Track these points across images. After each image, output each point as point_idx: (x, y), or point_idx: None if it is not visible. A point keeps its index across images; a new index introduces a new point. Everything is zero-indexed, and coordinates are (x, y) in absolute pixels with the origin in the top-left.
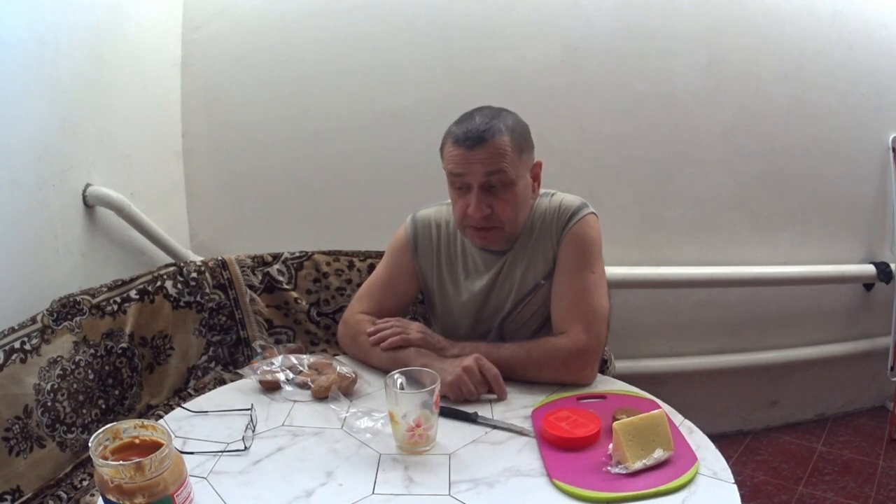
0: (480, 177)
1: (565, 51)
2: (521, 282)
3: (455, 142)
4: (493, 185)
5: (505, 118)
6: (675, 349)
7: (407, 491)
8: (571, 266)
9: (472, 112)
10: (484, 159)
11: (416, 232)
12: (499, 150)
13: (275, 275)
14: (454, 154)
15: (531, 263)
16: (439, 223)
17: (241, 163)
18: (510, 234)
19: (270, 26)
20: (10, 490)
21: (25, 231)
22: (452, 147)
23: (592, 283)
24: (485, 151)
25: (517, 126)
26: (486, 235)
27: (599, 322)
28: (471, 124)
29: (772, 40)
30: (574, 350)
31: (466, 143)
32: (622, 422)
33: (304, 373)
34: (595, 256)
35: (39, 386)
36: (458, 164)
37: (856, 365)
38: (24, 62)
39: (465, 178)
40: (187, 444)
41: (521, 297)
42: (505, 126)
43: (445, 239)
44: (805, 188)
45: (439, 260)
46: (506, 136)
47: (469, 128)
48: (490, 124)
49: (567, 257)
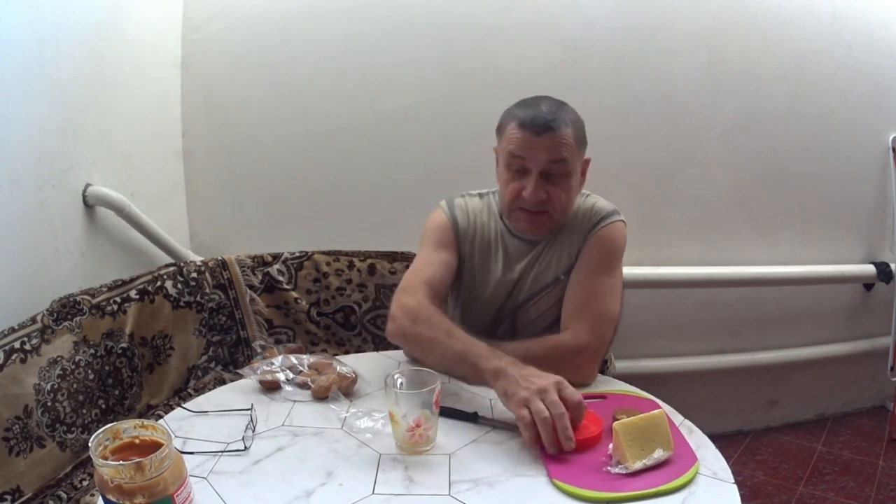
0: (542, 163)
1: (565, 51)
2: (542, 274)
3: (521, 125)
4: (551, 172)
5: (568, 111)
6: (675, 349)
7: (407, 491)
8: (591, 266)
9: (535, 99)
10: (548, 147)
11: (456, 217)
12: (563, 141)
13: (275, 275)
14: (518, 137)
15: (555, 257)
16: (472, 211)
17: (241, 163)
18: (558, 223)
19: (270, 26)
20: (10, 490)
21: (25, 231)
22: (517, 129)
23: (609, 286)
24: (550, 140)
25: (578, 121)
26: (535, 220)
27: (606, 324)
28: (538, 111)
29: (772, 40)
30: (574, 348)
31: (533, 129)
32: (622, 422)
33: (304, 373)
34: (616, 261)
35: (39, 386)
36: (520, 148)
37: (856, 365)
38: (24, 62)
39: (526, 162)
40: (187, 444)
41: (539, 289)
42: (569, 118)
43: (480, 227)
44: (805, 188)
45: (473, 248)
46: (569, 129)
47: (536, 114)
48: (556, 114)
49: (589, 257)
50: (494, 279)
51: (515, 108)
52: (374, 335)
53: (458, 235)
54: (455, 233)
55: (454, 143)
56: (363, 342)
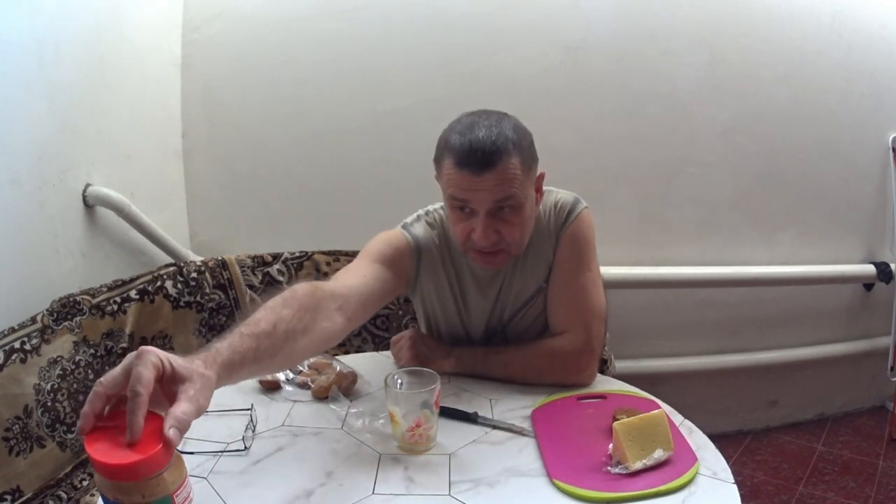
0: (488, 204)
1: (565, 51)
2: (523, 288)
3: (458, 164)
4: (501, 207)
5: (507, 130)
6: (675, 349)
7: (407, 491)
8: (569, 266)
9: (471, 122)
10: (492, 186)
11: (420, 244)
12: (508, 176)
13: (275, 275)
14: (456, 178)
15: (532, 268)
16: (432, 241)
17: (241, 163)
18: (515, 256)
19: (270, 27)
20: (10, 490)
21: (25, 231)
22: (454, 169)
23: (590, 281)
24: (493, 178)
25: (523, 140)
26: (491, 260)
27: (598, 321)
28: (474, 142)
29: (772, 40)
30: (573, 351)
31: (471, 168)
32: (622, 422)
33: (304, 373)
34: (590, 255)
35: (39, 386)
36: (461, 190)
37: (856, 365)
38: (24, 63)
39: (471, 203)
40: (187, 444)
41: (523, 303)
42: (512, 144)
43: (447, 256)
44: (805, 188)
45: (440, 277)
46: (514, 158)
47: (474, 147)
48: (496, 143)
49: (564, 257)
50: (473, 303)
51: (451, 134)
52: (374, 335)
53: (417, 264)
54: (415, 261)
55: None
56: (363, 342)
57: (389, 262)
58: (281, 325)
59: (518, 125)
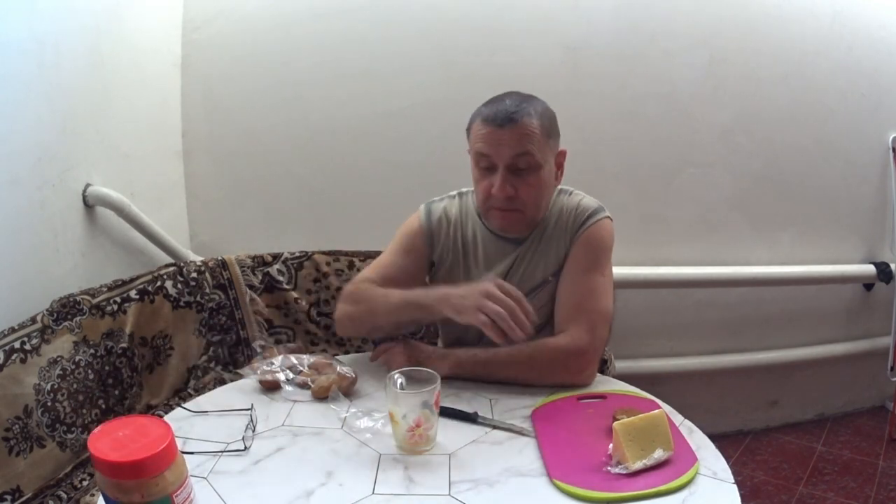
0: (507, 158)
1: (565, 51)
2: (530, 276)
3: (484, 120)
4: (519, 167)
5: (535, 103)
6: (675, 349)
7: (407, 491)
8: (581, 266)
9: (501, 95)
10: (511, 140)
11: (431, 223)
12: (527, 132)
13: (275, 275)
14: (482, 133)
15: (542, 258)
16: (451, 214)
17: (241, 163)
18: (531, 219)
19: (270, 27)
20: (10, 490)
21: (25, 231)
22: (481, 125)
23: (600, 284)
24: (513, 132)
25: (546, 112)
26: (507, 217)
27: (602, 324)
28: (501, 105)
29: (772, 40)
30: (574, 351)
31: (496, 122)
32: (622, 422)
33: (304, 373)
34: (605, 260)
35: (39, 386)
36: (485, 144)
37: (856, 365)
38: (24, 63)
39: (492, 158)
40: (187, 444)
41: (528, 291)
42: (534, 110)
43: (460, 231)
44: (805, 188)
45: (455, 251)
46: (535, 120)
47: (499, 108)
48: (520, 106)
49: (577, 257)
50: (480, 275)
51: (482, 105)
52: None
53: (431, 242)
54: (427, 239)
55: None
56: (363, 342)
57: (407, 248)
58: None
59: (544, 103)
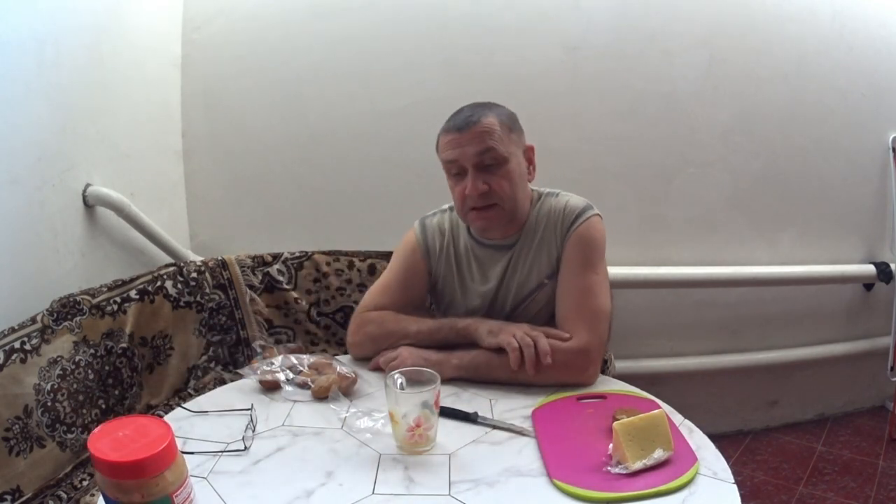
0: (472, 157)
1: (565, 51)
2: (525, 281)
3: (446, 131)
4: (486, 164)
5: (492, 106)
6: (675, 349)
7: (407, 491)
8: (574, 267)
9: (461, 108)
10: (473, 140)
11: (426, 237)
12: (486, 129)
13: (275, 275)
14: (446, 142)
15: (535, 262)
16: (444, 228)
17: (241, 163)
18: (510, 213)
19: (270, 27)
20: (10, 490)
21: (25, 231)
22: (444, 136)
23: (596, 283)
24: (473, 132)
25: (504, 111)
26: (486, 216)
27: (601, 323)
28: (460, 114)
29: (772, 40)
30: (576, 351)
31: (456, 128)
32: (622, 422)
33: (304, 373)
34: (598, 258)
35: (39, 386)
36: (450, 150)
37: (856, 365)
38: (24, 62)
39: (459, 161)
40: (187, 444)
41: (524, 295)
42: (491, 111)
43: (452, 244)
44: (805, 188)
45: (448, 264)
46: (493, 118)
47: (458, 117)
48: (475, 110)
49: (570, 258)
50: (473, 291)
51: (445, 122)
52: None
53: (428, 255)
54: (424, 254)
55: None
56: None
57: (408, 266)
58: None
59: (502, 107)
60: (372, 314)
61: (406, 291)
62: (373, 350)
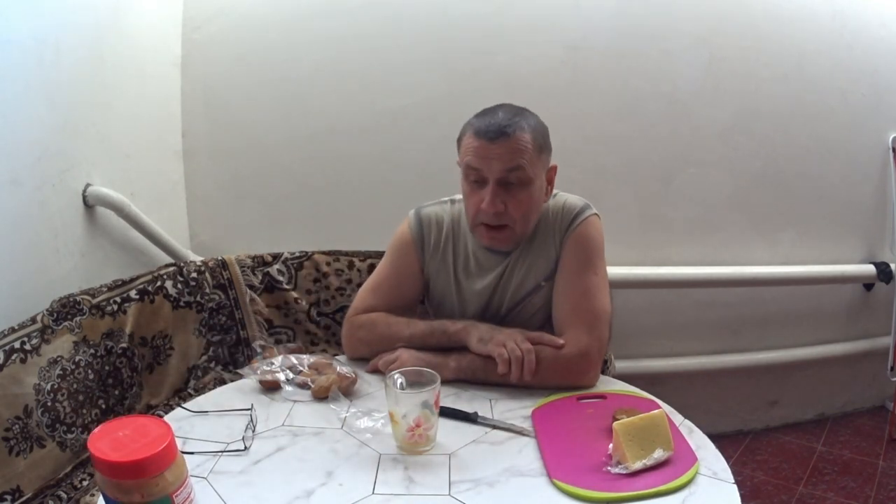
0: (498, 172)
1: (565, 51)
2: (522, 282)
3: (475, 133)
4: (510, 182)
5: (528, 117)
6: (675, 349)
7: (407, 491)
8: (574, 268)
9: (494, 107)
10: (503, 154)
11: (422, 230)
12: (519, 147)
13: (275, 275)
14: (473, 146)
15: (533, 264)
16: (442, 221)
17: (241, 163)
18: (520, 236)
19: (270, 26)
20: (10, 490)
21: (25, 231)
22: (472, 139)
23: (595, 284)
24: (505, 146)
25: (539, 126)
26: (495, 235)
27: (601, 324)
28: (493, 118)
29: (772, 40)
30: (576, 353)
31: (487, 136)
32: (622, 422)
33: (304, 373)
34: (597, 258)
35: (39, 386)
36: (476, 157)
37: (856, 365)
38: (24, 62)
39: (482, 172)
40: (187, 444)
41: (521, 297)
42: (527, 124)
43: (450, 237)
44: (805, 188)
45: (444, 259)
46: (527, 134)
47: (491, 121)
48: (512, 120)
49: (569, 259)
50: (470, 289)
51: (474, 117)
52: None
53: (421, 248)
54: (418, 247)
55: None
56: None
57: (400, 262)
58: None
59: (537, 118)
60: (361, 318)
61: (397, 290)
62: (368, 353)
